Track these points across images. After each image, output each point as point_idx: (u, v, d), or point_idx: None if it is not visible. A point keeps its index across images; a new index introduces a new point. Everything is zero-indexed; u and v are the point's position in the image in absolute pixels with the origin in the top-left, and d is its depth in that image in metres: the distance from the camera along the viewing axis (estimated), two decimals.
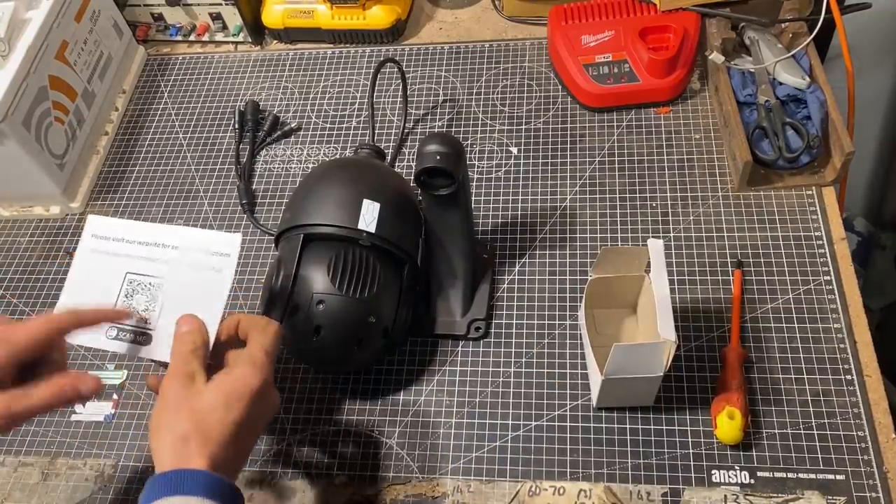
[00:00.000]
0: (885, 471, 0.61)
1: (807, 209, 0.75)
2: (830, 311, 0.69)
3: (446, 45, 0.96)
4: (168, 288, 0.59)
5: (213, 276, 0.59)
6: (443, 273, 0.72)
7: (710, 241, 0.74)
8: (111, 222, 0.62)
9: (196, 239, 0.61)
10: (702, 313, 0.70)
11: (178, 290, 0.59)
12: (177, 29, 1.01)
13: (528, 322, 0.72)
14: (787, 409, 0.64)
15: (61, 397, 0.54)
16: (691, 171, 0.80)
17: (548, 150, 0.84)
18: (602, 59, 0.85)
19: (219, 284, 0.59)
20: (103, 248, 0.61)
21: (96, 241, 0.62)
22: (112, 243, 0.61)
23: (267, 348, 0.55)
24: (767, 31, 0.83)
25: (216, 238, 0.60)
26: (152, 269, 0.60)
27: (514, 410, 0.67)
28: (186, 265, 0.60)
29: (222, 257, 0.60)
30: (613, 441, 0.65)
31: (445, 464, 0.65)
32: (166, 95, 0.98)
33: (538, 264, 0.76)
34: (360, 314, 0.64)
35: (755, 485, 0.61)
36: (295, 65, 0.98)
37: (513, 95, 0.90)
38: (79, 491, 0.68)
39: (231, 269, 0.59)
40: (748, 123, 0.77)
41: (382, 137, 0.88)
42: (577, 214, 0.78)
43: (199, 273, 0.59)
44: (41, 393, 0.53)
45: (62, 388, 0.54)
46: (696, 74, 0.87)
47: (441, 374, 0.70)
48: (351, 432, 0.68)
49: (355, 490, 0.65)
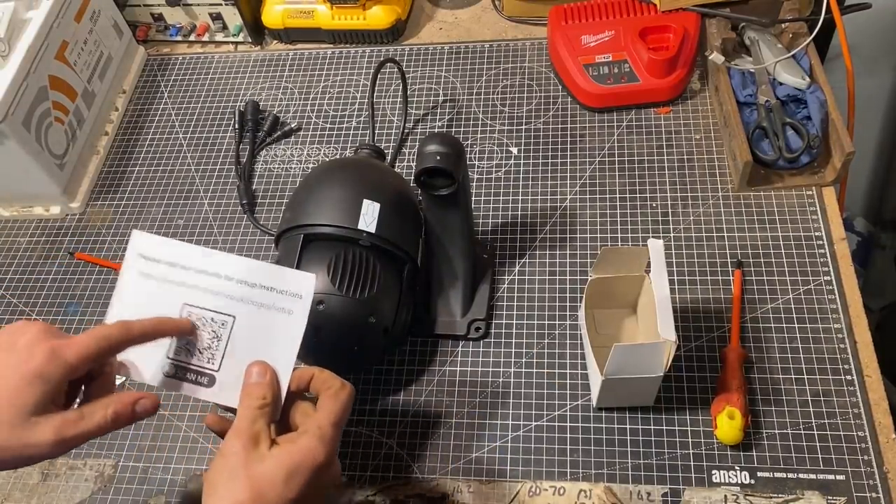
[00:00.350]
0: (886, 471, 0.61)
1: (807, 209, 0.75)
2: (830, 312, 0.69)
3: (446, 45, 0.96)
4: (234, 326, 0.54)
5: (285, 318, 0.53)
6: (443, 273, 0.72)
7: (710, 241, 0.74)
8: (160, 242, 0.55)
9: (265, 274, 0.54)
10: (702, 313, 0.70)
11: (245, 331, 0.54)
12: (177, 29, 1.01)
13: (528, 322, 0.72)
14: (787, 410, 0.64)
15: (118, 421, 0.50)
16: (691, 171, 0.80)
17: (548, 150, 0.84)
18: (602, 59, 0.85)
19: (291, 329, 0.53)
20: (156, 272, 0.55)
21: (146, 263, 0.55)
22: (165, 267, 0.55)
23: (336, 418, 0.51)
24: (767, 32, 0.83)
25: (290, 277, 0.54)
26: (214, 302, 0.54)
27: (514, 410, 0.67)
28: (255, 303, 0.54)
29: (294, 298, 0.54)
30: (613, 441, 0.65)
31: (445, 464, 0.65)
32: (166, 95, 0.98)
33: (538, 264, 0.76)
34: (360, 314, 0.64)
35: (755, 485, 0.61)
36: (295, 65, 0.98)
37: (513, 95, 0.90)
38: (79, 491, 0.68)
39: (304, 313, 0.53)
40: (748, 123, 0.77)
41: (382, 137, 0.88)
42: (577, 214, 0.78)
43: (270, 314, 0.54)
44: (96, 418, 0.49)
45: (117, 412, 0.50)
46: (696, 74, 0.87)
47: (441, 374, 0.70)
48: (351, 432, 0.68)
49: (355, 490, 0.65)
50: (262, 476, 0.47)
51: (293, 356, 0.53)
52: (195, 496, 0.64)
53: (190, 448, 0.69)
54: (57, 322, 0.79)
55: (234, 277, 0.54)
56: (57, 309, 0.80)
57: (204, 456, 0.68)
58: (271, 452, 0.49)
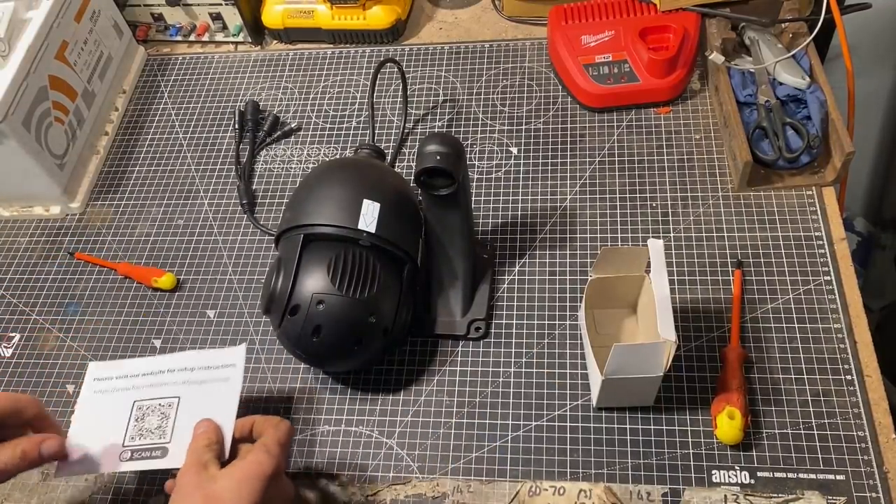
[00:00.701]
0: (886, 471, 0.61)
1: (807, 209, 0.75)
2: (830, 312, 0.69)
3: (446, 45, 0.96)
4: (180, 404, 0.61)
5: (223, 385, 0.61)
6: (443, 273, 0.72)
7: (710, 241, 0.74)
8: (111, 364, 0.65)
9: (202, 359, 0.63)
10: (702, 313, 0.70)
11: (189, 404, 0.61)
12: (177, 29, 1.01)
13: (528, 322, 0.72)
14: (787, 409, 0.64)
15: (22, 462, 0.55)
16: (691, 171, 0.80)
17: (548, 150, 0.84)
18: (602, 59, 0.85)
19: (230, 391, 0.61)
20: (107, 387, 0.64)
21: (99, 383, 0.64)
22: (116, 381, 0.64)
23: (280, 440, 0.56)
24: (767, 31, 0.83)
25: (224, 354, 0.63)
26: (160, 392, 0.62)
27: (514, 410, 0.67)
28: (196, 382, 0.62)
29: (229, 368, 0.62)
30: (613, 441, 0.65)
31: (445, 464, 0.65)
32: (166, 95, 0.98)
33: (538, 264, 0.76)
34: (360, 314, 0.64)
35: (755, 485, 0.61)
36: (295, 65, 0.98)
37: (513, 95, 0.90)
38: (78, 491, 0.68)
39: (239, 376, 0.61)
40: (748, 123, 0.77)
41: (382, 137, 0.88)
42: (577, 214, 0.78)
43: (209, 386, 0.62)
44: (4, 456, 0.54)
45: (25, 451, 0.55)
46: (696, 74, 0.87)
47: (441, 374, 0.70)
48: (351, 432, 0.68)
49: (355, 490, 0.65)
50: (216, 492, 0.52)
51: (234, 411, 0.59)
52: None
53: None
54: (57, 322, 0.79)
55: (175, 369, 0.63)
56: (57, 309, 0.80)
57: None
58: (221, 472, 0.53)
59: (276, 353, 0.73)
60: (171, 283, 0.79)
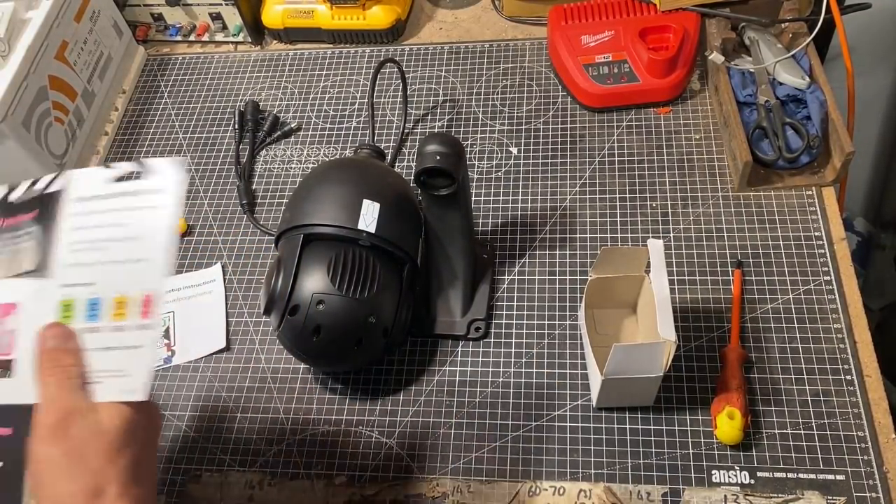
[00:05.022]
0: (886, 471, 0.61)
1: (807, 209, 0.75)
2: (830, 312, 0.69)
3: (446, 45, 0.96)
4: None
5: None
6: (443, 273, 0.72)
7: (710, 241, 0.74)
8: None
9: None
10: (702, 313, 0.70)
11: None
12: (177, 29, 1.01)
13: (528, 322, 0.72)
14: (787, 409, 0.64)
15: None
16: (691, 171, 0.80)
17: (548, 150, 0.84)
18: (602, 59, 0.85)
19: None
20: None
21: None
22: None
23: None
24: (767, 31, 0.83)
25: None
26: None
27: (514, 410, 0.67)
28: None
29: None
30: (613, 441, 0.65)
31: (445, 464, 0.65)
32: (166, 95, 0.98)
33: (538, 264, 0.76)
34: (360, 314, 0.64)
35: (755, 485, 0.61)
36: (295, 65, 0.98)
37: (513, 95, 0.90)
38: None
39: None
40: (748, 123, 0.77)
41: (382, 137, 0.88)
42: (577, 214, 0.78)
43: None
44: None
45: None
46: (696, 74, 0.87)
47: (441, 374, 0.70)
48: (351, 432, 0.68)
49: (355, 490, 0.65)
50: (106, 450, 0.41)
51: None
52: None
53: (189, 448, 0.69)
54: None
55: None
56: None
57: (204, 456, 0.68)
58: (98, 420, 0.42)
59: (276, 353, 0.73)
60: None
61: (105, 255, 0.46)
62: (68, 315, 0.46)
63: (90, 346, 0.45)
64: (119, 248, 0.46)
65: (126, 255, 0.46)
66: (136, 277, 0.45)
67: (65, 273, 0.46)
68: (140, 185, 0.47)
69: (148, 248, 0.46)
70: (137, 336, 0.45)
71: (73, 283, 0.46)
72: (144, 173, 0.47)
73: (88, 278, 0.46)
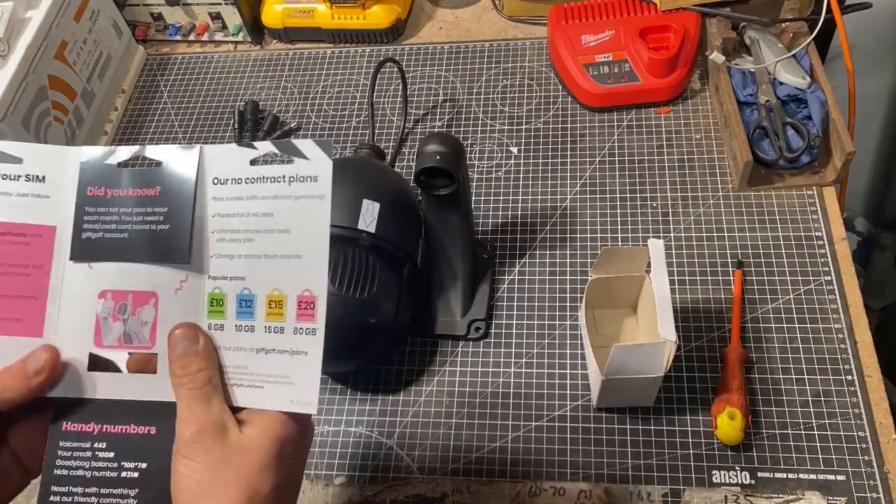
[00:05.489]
0: (886, 471, 0.60)
1: (807, 209, 0.75)
2: (831, 312, 0.68)
3: (446, 45, 0.96)
4: None
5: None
6: (443, 273, 0.72)
7: (710, 241, 0.74)
8: None
9: None
10: (702, 313, 0.70)
11: None
12: (176, 29, 1.01)
13: (528, 322, 0.72)
14: (787, 410, 0.64)
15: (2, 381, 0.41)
16: (692, 171, 0.79)
17: (548, 150, 0.84)
18: (602, 59, 0.85)
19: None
20: None
21: None
22: None
23: None
24: (768, 31, 0.83)
25: None
26: None
27: (514, 410, 0.67)
28: None
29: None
30: (613, 441, 0.64)
31: (445, 464, 0.65)
32: (166, 95, 0.97)
33: (538, 264, 0.76)
34: (360, 314, 0.64)
35: (755, 485, 0.61)
36: (294, 64, 0.98)
37: (513, 95, 0.89)
38: None
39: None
40: (749, 123, 0.76)
41: (382, 137, 0.88)
42: (577, 214, 0.78)
43: None
44: None
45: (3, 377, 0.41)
46: (697, 74, 0.87)
47: (441, 374, 0.70)
48: (351, 432, 0.68)
49: (355, 490, 0.65)
50: (251, 470, 0.38)
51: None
52: None
53: None
54: None
55: None
56: None
57: None
58: (246, 435, 0.39)
59: None
60: None
61: (253, 247, 0.42)
62: (219, 310, 0.42)
63: (245, 345, 0.42)
64: (269, 240, 0.42)
65: (278, 249, 0.42)
66: (291, 274, 0.42)
67: (212, 264, 0.43)
68: (288, 171, 0.42)
69: (304, 243, 0.41)
70: (300, 340, 0.41)
71: (221, 276, 0.42)
72: (291, 156, 0.42)
73: (238, 272, 0.42)
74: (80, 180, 0.43)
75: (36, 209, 0.43)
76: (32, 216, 0.43)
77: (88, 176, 0.43)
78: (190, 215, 0.42)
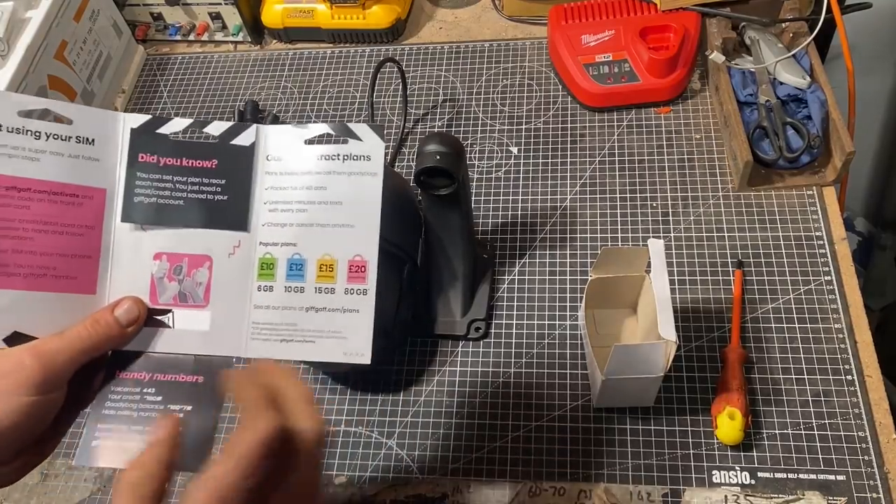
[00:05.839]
0: (886, 471, 0.60)
1: (807, 209, 0.75)
2: (831, 311, 0.68)
3: (446, 45, 0.96)
4: None
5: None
6: (443, 273, 0.72)
7: (710, 241, 0.74)
8: None
9: None
10: (702, 313, 0.70)
11: None
12: (176, 28, 1.01)
13: (528, 322, 0.72)
14: (787, 410, 0.64)
15: (98, 327, 0.43)
16: (692, 171, 0.79)
17: (548, 150, 0.84)
18: (602, 59, 0.85)
19: None
20: None
21: None
22: None
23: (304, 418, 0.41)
24: (768, 31, 0.83)
25: None
26: None
27: (514, 410, 0.67)
28: None
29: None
30: (613, 441, 0.64)
31: (445, 464, 0.65)
32: (166, 95, 0.97)
33: (538, 264, 0.76)
34: None
35: (756, 485, 0.61)
36: (294, 64, 0.98)
37: (513, 95, 0.89)
38: (77, 491, 0.68)
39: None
40: (749, 123, 0.76)
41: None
42: (577, 214, 0.78)
43: None
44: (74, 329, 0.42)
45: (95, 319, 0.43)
46: (697, 74, 0.87)
47: (441, 374, 0.70)
48: (351, 432, 0.68)
49: (355, 490, 0.65)
50: None
51: None
52: None
53: None
54: None
55: None
56: None
57: None
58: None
59: None
60: None
61: (305, 216, 0.46)
62: (269, 273, 0.46)
63: (295, 304, 0.46)
64: (321, 210, 0.46)
65: (329, 219, 0.46)
66: (342, 242, 0.46)
67: (262, 232, 0.47)
68: (342, 150, 0.46)
69: (356, 215, 0.46)
70: (351, 300, 0.46)
71: (272, 242, 0.47)
72: (344, 137, 0.46)
73: (289, 238, 0.46)
74: (130, 146, 0.46)
75: (87, 171, 0.45)
76: (83, 177, 0.45)
77: (139, 142, 0.46)
78: (249, 188, 0.46)
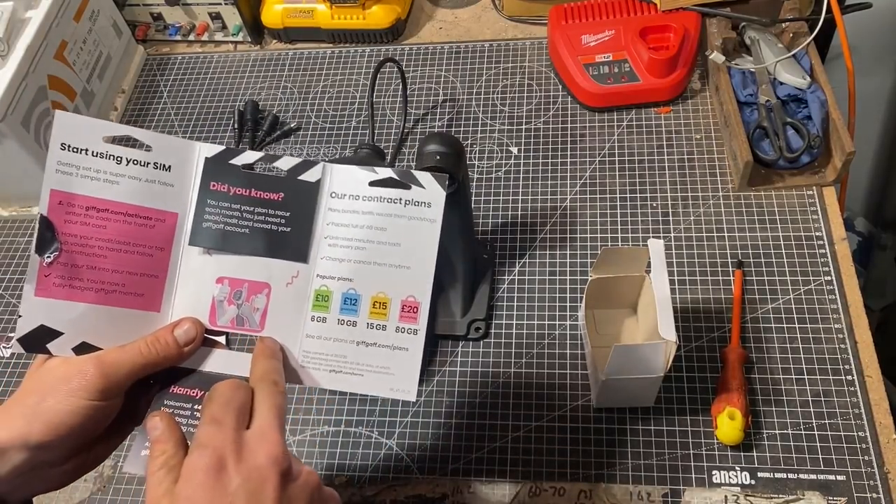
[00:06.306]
0: (886, 471, 0.60)
1: (807, 209, 0.75)
2: (831, 312, 0.68)
3: (446, 45, 0.96)
4: None
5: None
6: (443, 273, 0.72)
7: (710, 241, 0.74)
8: None
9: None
10: (702, 313, 0.70)
11: None
12: (176, 28, 1.01)
13: (528, 322, 0.72)
14: (787, 410, 0.64)
15: (157, 346, 0.45)
16: (692, 171, 0.79)
17: (548, 150, 0.84)
18: (602, 59, 0.85)
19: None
20: None
21: None
22: None
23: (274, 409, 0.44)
24: (768, 31, 0.83)
25: None
26: None
27: (514, 410, 0.67)
28: None
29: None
30: (613, 441, 0.64)
31: (445, 464, 0.65)
32: (165, 95, 0.97)
33: (538, 264, 0.76)
34: None
35: (756, 485, 0.61)
36: (294, 64, 0.98)
37: (513, 95, 0.89)
38: (78, 491, 0.68)
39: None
40: (749, 123, 0.76)
41: (382, 137, 0.88)
42: (577, 214, 0.78)
43: None
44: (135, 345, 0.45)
45: (157, 337, 0.46)
46: (697, 74, 0.87)
47: (441, 374, 0.70)
48: (351, 432, 0.68)
49: (355, 490, 0.65)
50: None
51: None
52: None
53: None
54: None
55: None
56: None
57: None
58: None
59: None
60: None
61: (363, 254, 0.48)
62: (323, 305, 0.48)
63: (346, 338, 0.48)
64: (379, 250, 0.48)
65: (386, 259, 0.48)
66: (397, 282, 0.48)
67: (321, 264, 0.48)
68: (404, 195, 0.49)
69: (413, 258, 0.48)
70: (402, 338, 0.48)
71: (329, 276, 0.48)
72: (408, 183, 0.49)
73: (345, 273, 0.48)
74: (203, 173, 0.48)
75: (162, 195, 0.48)
76: (158, 201, 0.47)
77: (212, 171, 0.48)
78: (311, 222, 0.48)
